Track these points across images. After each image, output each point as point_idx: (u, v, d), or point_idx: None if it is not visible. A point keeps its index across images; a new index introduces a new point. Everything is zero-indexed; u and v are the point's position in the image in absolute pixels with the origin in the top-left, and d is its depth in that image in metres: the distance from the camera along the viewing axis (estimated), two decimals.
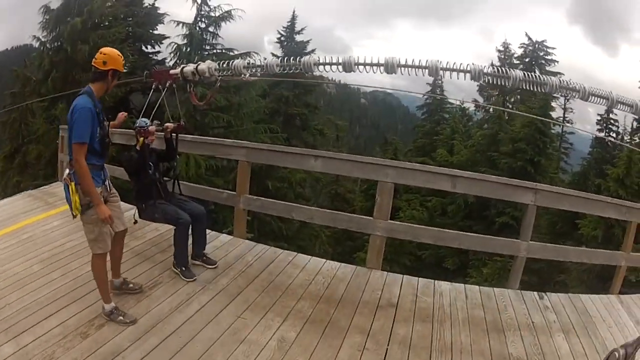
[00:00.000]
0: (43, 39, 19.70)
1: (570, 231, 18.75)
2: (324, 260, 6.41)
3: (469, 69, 3.85)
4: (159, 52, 22.78)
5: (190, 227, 5.57)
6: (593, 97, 3.82)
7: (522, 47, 29.88)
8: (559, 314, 5.52)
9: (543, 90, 3.91)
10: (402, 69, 3.95)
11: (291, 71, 4.41)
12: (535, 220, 6.42)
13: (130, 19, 21.91)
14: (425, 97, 32.43)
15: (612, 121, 25.65)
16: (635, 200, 14.20)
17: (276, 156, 7.38)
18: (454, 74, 3.91)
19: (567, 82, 3.92)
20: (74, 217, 4.46)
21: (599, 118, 25.99)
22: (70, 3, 19.21)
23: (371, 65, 3.99)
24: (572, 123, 28.07)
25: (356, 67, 4.04)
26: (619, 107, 3.88)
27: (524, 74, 3.86)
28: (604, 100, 3.81)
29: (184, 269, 5.51)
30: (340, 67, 4.12)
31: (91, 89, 4.40)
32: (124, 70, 4.78)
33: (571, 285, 16.22)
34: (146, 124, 5.28)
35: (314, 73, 4.45)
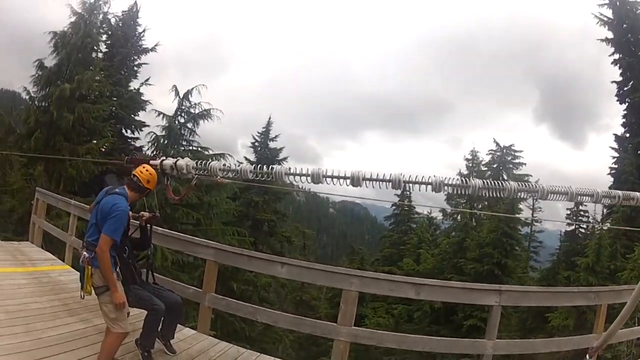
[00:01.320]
0: (32, 94, 19.92)
1: (542, 325, 18.58)
2: None
3: (430, 181, 4.05)
4: (137, 138, 23.62)
5: (164, 315, 5.50)
6: (552, 195, 4.03)
7: (489, 153, 31.07)
8: None
9: (502, 195, 4.11)
10: (367, 182, 4.14)
11: (263, 178, 4.59)
12: (505, 319, 6.53)
13: (116, 99, 22.56)
14: (393, 207, 33.06)
15: (582, 212, 26.05)
16: (607, 285, 14.35)
17: (243, 260, 7.36)
18: (417, 185, 4.12)
19: (525, 185, 4.13)
20: (82, 298, 4.90)
21: (569, 212, 26.44)
22: (63, 67, 19.68)
23: (338, 177, 4.19)
24: (540, 221, 28.50)
25: (324, 179, 4.23)
26: (579, 199, 4.10)
27: (483, 182, 4.08)
28: (564, 196, 4.02)
29: (146, 354, 5.40)
30: (309, 179, 4.31)
31: (127, 194, 5.00)
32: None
33: None
34: None
35: (285, 182, 4.63)
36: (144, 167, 5.21)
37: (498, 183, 4.11)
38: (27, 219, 12.62)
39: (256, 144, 27.94)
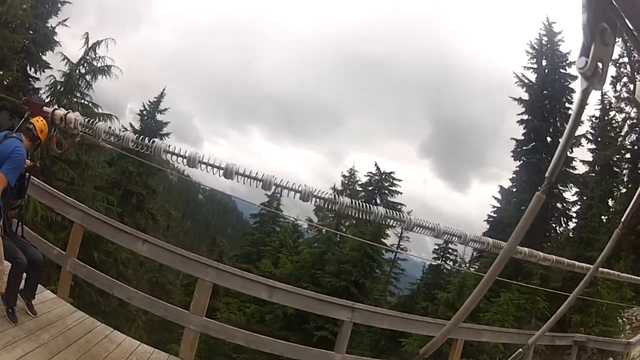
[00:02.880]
0: None
1: (395, 348, 19.38)
2: (139, 342, 6.38)
3: (300, 189, 4.11)
4: (38, 79, 22.43)
5: (26, 272, 5.39)
6: (419, 228, 4.22)
7: (368, 175, 31.35)
8: None
9: (369, 218, 4.26)
10: (240, 177, 4.28)
11: (142, 150, 4.64)
12: (357, 337, 6.81)
13: (32, 32, 21.49)
14: (261, 207, 33.12)
15: (450, 250, 27.40)
16: (466, 321, 15.29)
17: (109, 230, 7.29)
18: (286, 191, 4.29)
19: (393, 213, 4.34)
20: None
21: (437, 247, 27.62)
22: None
23: (213, 166, 4.22)
24: (406, 250, 29.20)
25: (199, 164, 4.28)
26: (445, 237, 4.42)
27: (351, 201, 4.17)
28: (431, 231, 4.29)
29: (10, 311, 5.28)
30: (185, 161, 4.36)
31: (22, 140, 4.97)
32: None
33: None
34: None
35: (162, 158, 4.68)
36: (39, 117, 5.16)
37: (366, 205, 4.20)
38: None
39: (144, 112, 27.41)
